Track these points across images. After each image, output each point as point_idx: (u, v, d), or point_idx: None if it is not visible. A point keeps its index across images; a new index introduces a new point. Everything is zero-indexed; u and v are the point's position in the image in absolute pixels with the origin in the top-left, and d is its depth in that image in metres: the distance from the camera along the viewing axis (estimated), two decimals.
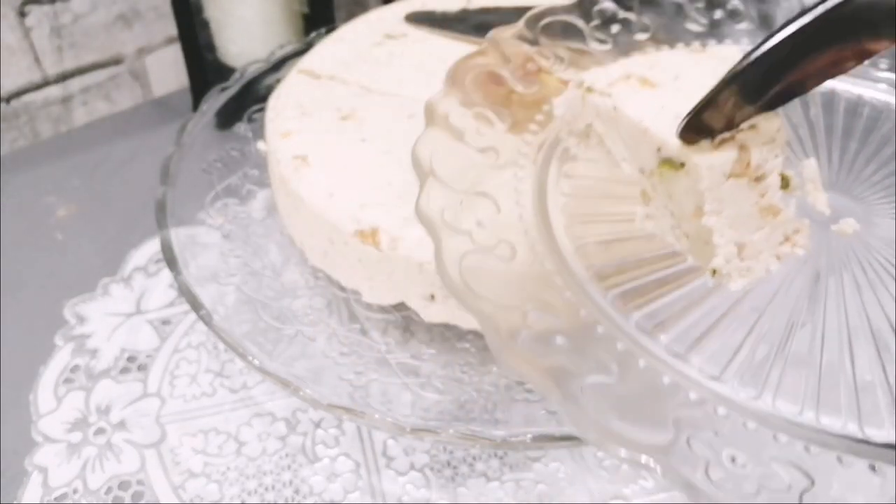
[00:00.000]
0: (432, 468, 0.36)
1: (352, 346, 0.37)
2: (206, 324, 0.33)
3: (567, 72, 0.32)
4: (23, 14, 0.50)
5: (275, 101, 0.39)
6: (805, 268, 0.28)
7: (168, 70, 0.59)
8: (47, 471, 0.36)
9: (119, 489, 0.35)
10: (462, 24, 0.43)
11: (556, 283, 0.26)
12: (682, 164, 0.26)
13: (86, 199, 0.50)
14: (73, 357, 0.40)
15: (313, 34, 0.47)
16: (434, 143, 0.28)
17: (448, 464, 0.36)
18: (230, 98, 0.44)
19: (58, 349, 0.41)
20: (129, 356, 0.40)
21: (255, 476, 0.35)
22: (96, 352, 0.40)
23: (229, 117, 0.44)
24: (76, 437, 0.37)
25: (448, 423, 0.31)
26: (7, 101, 0.53)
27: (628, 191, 0.29)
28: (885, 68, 0.35)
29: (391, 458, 0.36)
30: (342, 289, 0.38)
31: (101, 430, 0.37)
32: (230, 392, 0.39)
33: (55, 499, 0.35)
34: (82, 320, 0.42)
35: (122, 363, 0.40)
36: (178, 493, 0.35)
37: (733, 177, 0.26)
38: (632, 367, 0.24)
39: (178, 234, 0.37)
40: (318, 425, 0.37)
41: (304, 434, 0.37)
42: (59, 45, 0.53)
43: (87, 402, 0.38)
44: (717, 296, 0.27)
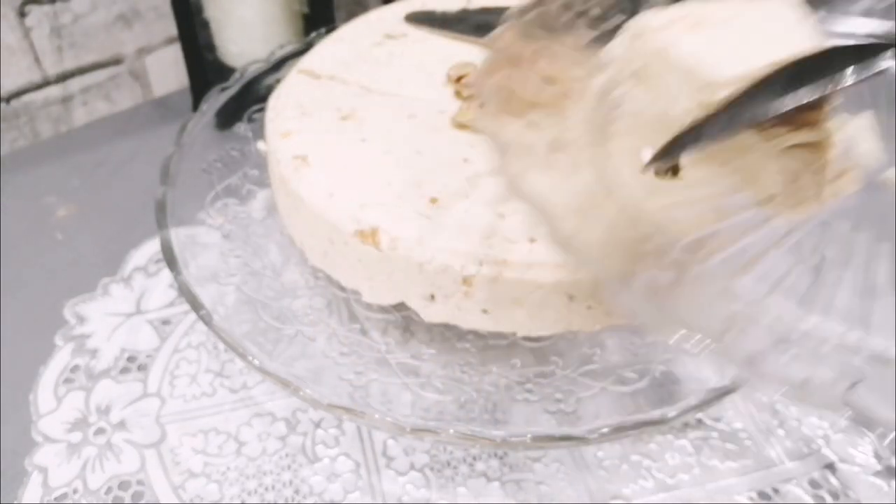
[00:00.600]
0: (432, 468, 0.36)
1: (352, 346, 0.37)
2: (206, 324, 0.33)
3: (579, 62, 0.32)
4: (23, 14, 0.50)
5: (275, 101, 0.39)
6: (850, 214, 0.28)
7: (168, 70, 0.59)
8: (47, 471, 0.35)
9: (119, 489, 0.35)
10: (462, 24, 0.43)
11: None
12: None
13: (86, 199, 0.50)
14: (73, 357, 0.40)
15: (313, 34, 0.47)
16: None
17: (448, 464, 0.36)
18: (230, 98, 0.44)
19: (58, 349, 0.41)
20: (129, 356, 0.40)
21: (255, 476, 0.35)
22: (96, 352, 0.40)
23: (229, 117, 0.44)
24: (76, 437, 0.37)
25: (448, 423, 0.31)
26: (7, 100, 0.53)
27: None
28: None
29: (391, 458, 0.36)
30: (342, 289, 0.38)
31: (101, 430, 0.37)
32: (230, 392, 0.39)
33: (55, 499, 0.35)
34: (82, 320, 0.42)
35: (122, 363, 0.40)
36: (178, 492, 0.35)
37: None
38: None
39: (178, 234, 0.36)
40: (318, 425, 0.37)
41: (304, 434, 0.37)
42: (59, 45, 0.53)
43: (87, 402, 0.38)
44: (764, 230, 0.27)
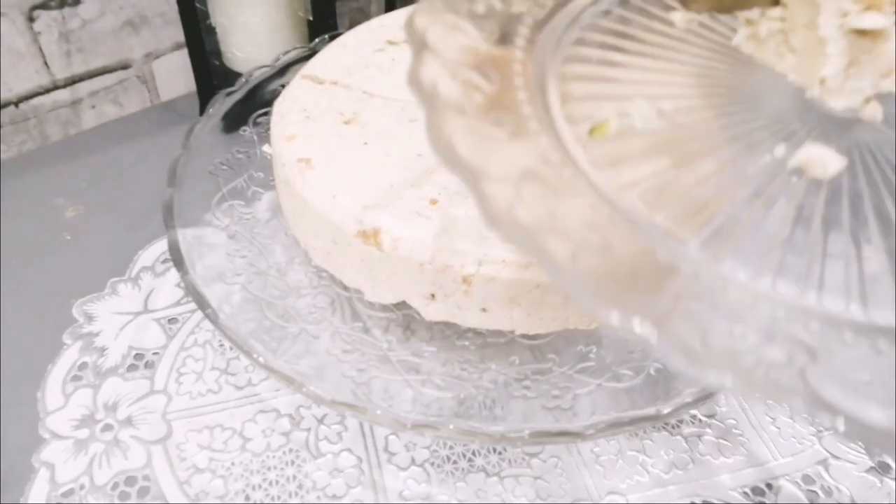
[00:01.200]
0: (433, 463, 0.36)
1: (354, 344, 0.37)
2: (212, 322, 0.33)
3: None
4: (31, 19, 0.51)
5: (279, 106, 0.39)
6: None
7: (175, 75, 0.60)
8: (54, 467, 0.36)
9: (125, 485, 0.35)
10: None
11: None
12: None
13: (94, 201, 0.50)
14: (81, 355, 0.41)
15: (317, 40, 0.47)
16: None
17: (448, 459, 0.36)
18: (236, 102, 0.45)
19: (66, 347, 0.41)
20: (137, 354, 0.41)
21: (259, 471, 0.36)
22: (104, 350, 0.41)
23: (235, 121, 0.45)
24: (83, 433, 0.37)
25: (448, 419, 0.31)
26: (16, 104, 0.53)
27: None
28: None
29: (393, 454, 0.37)
30: (345, 288, 0.38)
31: (108, 427, 0.37)
32: (235, 389, 0.39)
33: (62, 494, 0.35)
34: (90, 319, 0.42)
35: (130, 361, 0.40)
36: (184, 488, 0.35)
37: None
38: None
39: (185, 235, 0.37)
40: (321, 421, 0.38)
41: (308, 430, 0.37)
42: (67, 50, 0.53)
43: (95, 399, 0.39)
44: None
